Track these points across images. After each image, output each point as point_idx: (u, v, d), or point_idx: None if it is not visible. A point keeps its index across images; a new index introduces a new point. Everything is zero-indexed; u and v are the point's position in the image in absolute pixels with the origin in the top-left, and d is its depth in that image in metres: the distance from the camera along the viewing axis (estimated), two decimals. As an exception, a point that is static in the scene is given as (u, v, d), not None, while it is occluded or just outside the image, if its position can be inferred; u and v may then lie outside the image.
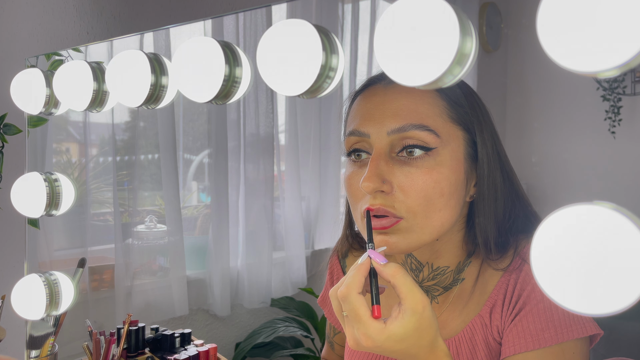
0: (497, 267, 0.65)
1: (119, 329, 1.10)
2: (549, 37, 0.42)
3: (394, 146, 0.62)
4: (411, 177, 0.61)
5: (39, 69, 1.03)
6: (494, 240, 0.64)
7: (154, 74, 0.83)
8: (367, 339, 0.54)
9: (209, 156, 1.35)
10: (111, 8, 1.19)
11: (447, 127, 0.62)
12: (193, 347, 1.10)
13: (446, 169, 0.61)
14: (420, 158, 0.61)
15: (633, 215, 0.43)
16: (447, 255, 0.68)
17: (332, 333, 0.88)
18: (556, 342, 0.60)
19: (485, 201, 0.64)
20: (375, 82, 0.67)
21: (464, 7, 0.57)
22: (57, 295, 1.06)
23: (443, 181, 0.61)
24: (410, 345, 0.54)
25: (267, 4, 0.87)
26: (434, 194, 0.61)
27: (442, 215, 0.62)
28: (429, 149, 0.61)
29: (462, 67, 0.49)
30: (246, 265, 1.35)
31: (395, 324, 0.53)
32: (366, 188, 0.60)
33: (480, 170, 0.64)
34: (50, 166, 1.27)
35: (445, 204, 0.61)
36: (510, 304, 0.64)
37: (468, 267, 0.68)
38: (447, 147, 0.62)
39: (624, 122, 0.82)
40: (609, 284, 0.44)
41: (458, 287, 0.68)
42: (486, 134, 0.64)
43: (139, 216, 1.31)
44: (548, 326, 0.60)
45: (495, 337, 0.65)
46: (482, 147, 0.64)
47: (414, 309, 0.53)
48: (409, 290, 0.54)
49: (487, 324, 0.65)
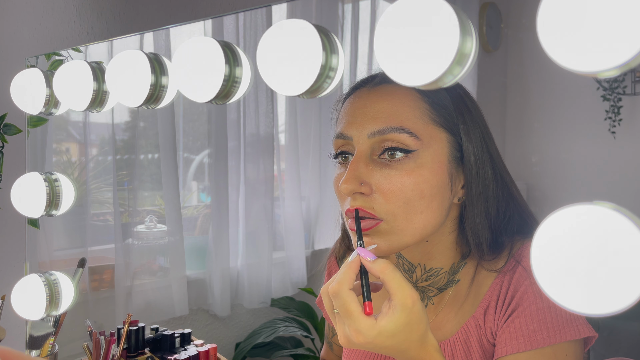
0: (490, 268, 0.65)
1: (119, 329, 1.10)
2: (549, 37, 0.42)
3: (375, 149, 0.63)
4: (390, 179, 0.61)
5: (39, 69, 1.03)
6: (487, 241, 0.64)
7: (154, 74, 0.83)
8: (358, 335, 0.53)
9: (209, 156, 1.35)
10: (111, 8, 1.19)
11: (429, 130, 0.62)
12: (193, 347, 1.10)
13: (426, 171, 0.61)
14: (400, 160, 0.61)
15: (633, 215, 0.43)
16: (439, 257, 0.68)
17: (331, 334, 0.88)
18: (548, 344, 0.59)
19: (475, 202, 0.64)
20: (361, 86, 0.67)
21: (464, 7, 0.57)
22: (57, 295, 1.06)
23: (423, 183, 0.61)
24: (401, 340, 0.54)
25: (267, 4, 0.87)
26: (413, 196, 0.61)
27: (424, 218, 0.62)
28: (409, 151, 0.61)
29: (462, 67, 0.49)
30: (246, 265, 1.35)
31: (386, 320, 0.53)
32: (344, 190, 0.61)
33: (468, 171, 0.64)
34: (50, 166, 1.27)
35: (427, 206, 0.61)
36: (503, 305, 0.63)
37: (463, 269, 0.68)
38: (428, 150, 0.62)
39: (624, 122, 0.82)
40: (609, 284, 0.44)
41: (453, 288, 0.68)
42: (473, 135, 0.64)
43: (139, 216, 1.31)
44: (540, 327, 0.60)
45: (489, 338, 0.64)
46: (468, 149, 0.64)
47: (404, 304, 0.53)
48: (398, 285, 0.54)
49: (481, 325, 0.65)
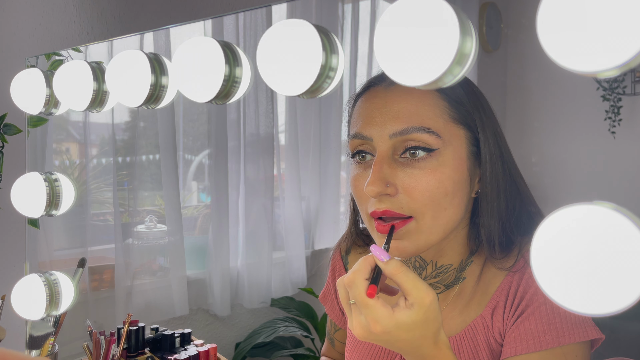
0: (500, 267, 0.65)
1: (119, 329, 1.10)
2: (549, 37, 0.42)
3: (397, 148, 0.63)
4: (415, 178, 0.61)
5: (39, 69, 1.03)
6: (498, 237, 0.64)
7: (154, 74, 0.83)
8: (376, 324, 0.53)
9: (209, 156, 1.35)
10: (111, 8, 1.19)
11: (449, 127, 0.63)
12: (193, 347, 1.10)
13: (449, 168, 0.62)
14: (422, 159, 0.61)
15: (633, 215, 0.43)
16: (451, 253, 0.68)
17: (333, 330, 0.88)
18: (557, 345, 0.60)
19: (489, 198, 0.64)
20: (376, 84, 0.67)
21: (464, 7, 0.57)
22: (57, 295, 1.06)
23: (446, 181, 0.61)
24: (417, 336, 0.54)
25: (267, 4, 0.87)
26: (439, 193, 0.61)
27: (448, 214, 0.62)
28: (431, 150, 0.61)
29: (462, 67, 0.49)
30: (246, 265, 1.35)
31: (404, 314, 0.53)
32: (371, 192, 0.61)
33: (483, 167, 0.64)
34: (50, 166, 1.27)
35: (450, 202, 0.62)
36: (512, 305, 0.64)
37: (470, 266, 0.68)
38: (449, 147, 0.62)
39: (624, 122, 0.82)
40: (609, 284, 0.44)
41: (459, 285, 0.69)
42: (488, 131, 0.65)
43: (139, 216, 1.31)
44: (550, 329, 0.60)
45: (497, 338, 0.65)
46: (484, 145, 0.64)
47: (421, 303, 0.53)
48: (413, 286, 0.54)
49: (489, 325, 0.65)
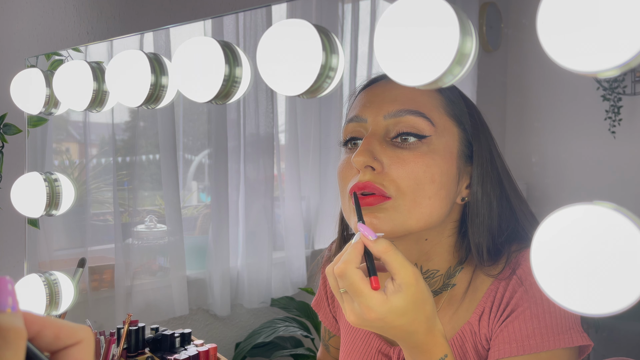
0: (489, 273, 0.65)
1: (119, 329, 1.10)
2: (549, 37, 0.42)
3: (389, 131, 0.63)
4: (403, 159, 0.61)
5: (39, 69, 1.03)
6: (487, 245, 0.64)
7: (154, 74, 0.83)
8: (370, 310, 0.53)
9: (209, 156, 1.35)
10: (111, 8, 1.19)
11: (443, 120, 0.63)
12: (193, 347, 1.10)
13: (438, 156, 0.62)
14: (413, 144, 0.62)
15: (633, 215, 0.43)
16: (436, 259, 0.68)
17: (327, 336, 0.88)
18: (542, 350, 0.59)
19: (478, 204, 0.64)
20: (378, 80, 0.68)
21: (464, 7, 0.57)
22: (57, 295, 1.06)
23: (434, 167, 0.61)
24: (410, 320, 0.53)
25: (267, 4, 0.87)
26: (425, 178, 0.61)
27: (431, 204, 0.62)
28: (422, 137, 0.62)
29: (462, 67, 0.49)
30: (246, 265, 1.35)
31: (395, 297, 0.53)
32: (357, 162, 0.61)
33: (474, 171, 0.64)
34: (50, 166, 1.27)
35: (436, 192, 0.62)
36: (498, 310, 0.63)
37: (459, 273, 0.68)
38: (441, 138, 0.63)
39: (624, 122, 0.82)
40: (609, 284, 0.44)
41: (448, 292, 0.68)
42: (482, 137, 0.65)
43: (139, 216, 1.31)
44: (534, 333, 0.60)
45: (484, 344, 0.64)
46: (478, 149, 0.64)
47: (408, 282, 0.53)
48: (400, 265, 0.53)
49: (476, 331, 0.65)
